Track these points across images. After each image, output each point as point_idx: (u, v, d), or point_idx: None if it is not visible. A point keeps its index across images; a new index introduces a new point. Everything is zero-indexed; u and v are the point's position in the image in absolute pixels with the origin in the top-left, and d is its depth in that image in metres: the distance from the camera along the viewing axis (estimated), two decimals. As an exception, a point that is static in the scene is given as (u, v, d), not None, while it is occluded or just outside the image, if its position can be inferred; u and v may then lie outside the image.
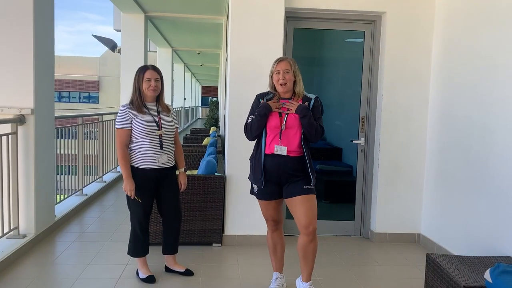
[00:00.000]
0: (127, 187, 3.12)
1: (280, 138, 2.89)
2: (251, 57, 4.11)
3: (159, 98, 3.30)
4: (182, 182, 3.43)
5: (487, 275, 2.45)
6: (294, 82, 2.96)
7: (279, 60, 2.98)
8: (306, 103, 2.92)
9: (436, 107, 4.26)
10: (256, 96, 3.07)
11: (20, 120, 3.86)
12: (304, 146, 2.90)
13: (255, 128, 2.94)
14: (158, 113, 3.26)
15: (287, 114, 2.91)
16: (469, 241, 3.65)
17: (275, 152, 2.89)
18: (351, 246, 4.35)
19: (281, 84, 2.92)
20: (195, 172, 4.73)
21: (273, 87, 3.01)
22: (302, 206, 2.88)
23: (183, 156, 3.49)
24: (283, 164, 2.88)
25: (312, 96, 2.98)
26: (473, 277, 2.63)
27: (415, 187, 4.44)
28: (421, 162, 4.43)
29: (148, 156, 3.18)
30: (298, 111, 2.87)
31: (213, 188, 4.09)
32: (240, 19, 4.10)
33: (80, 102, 33.84)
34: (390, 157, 4.40)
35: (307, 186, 2.89)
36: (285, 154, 2.87)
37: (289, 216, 4.51)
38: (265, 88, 3.11)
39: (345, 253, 4.14)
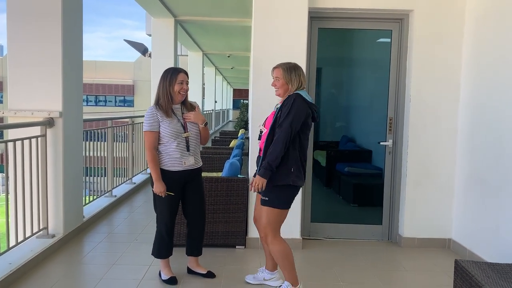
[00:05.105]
0: (157, 189, 3.15)
1: (259, 140, 3.09)
2: (275, 58, 4.03)
3: (184, 100, 3.31)
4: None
5: (518, 284, 2.32)
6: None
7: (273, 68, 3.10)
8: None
9: (467, 107, 4.09)
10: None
11: (49, 122, 3.97)
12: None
13: None
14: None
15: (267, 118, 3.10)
16: (502, 247, 3.47)
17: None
18: (378, 250, 4.23)
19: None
20: (219, 174, 4.74)
21: None
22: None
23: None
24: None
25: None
26: (504, 285, 2.49)
27: (445, 190, 4.28)
28: (451, 164, 4.26)
29: (175, 159, 3.19)
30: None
31: (236, 190, 4.07)
32: (263, 19, 4.07)
33: (116, 105, 34.70)
34: (419, 159, 4.26)
35: (263, 197, 3.01)
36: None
37: (313, 219, 4.46)
38: None
39: (371, 257, 4.03)
